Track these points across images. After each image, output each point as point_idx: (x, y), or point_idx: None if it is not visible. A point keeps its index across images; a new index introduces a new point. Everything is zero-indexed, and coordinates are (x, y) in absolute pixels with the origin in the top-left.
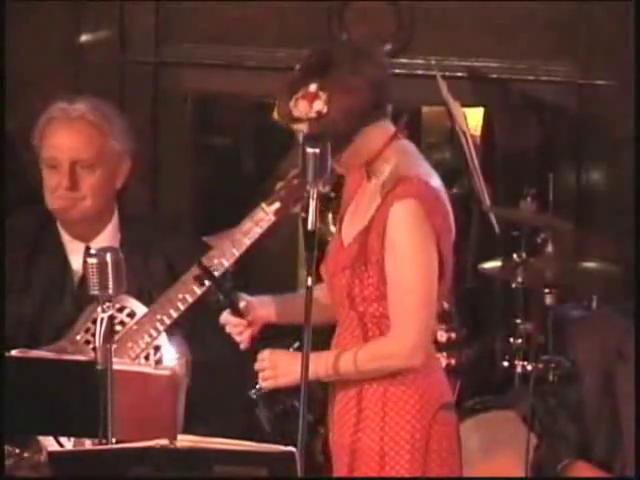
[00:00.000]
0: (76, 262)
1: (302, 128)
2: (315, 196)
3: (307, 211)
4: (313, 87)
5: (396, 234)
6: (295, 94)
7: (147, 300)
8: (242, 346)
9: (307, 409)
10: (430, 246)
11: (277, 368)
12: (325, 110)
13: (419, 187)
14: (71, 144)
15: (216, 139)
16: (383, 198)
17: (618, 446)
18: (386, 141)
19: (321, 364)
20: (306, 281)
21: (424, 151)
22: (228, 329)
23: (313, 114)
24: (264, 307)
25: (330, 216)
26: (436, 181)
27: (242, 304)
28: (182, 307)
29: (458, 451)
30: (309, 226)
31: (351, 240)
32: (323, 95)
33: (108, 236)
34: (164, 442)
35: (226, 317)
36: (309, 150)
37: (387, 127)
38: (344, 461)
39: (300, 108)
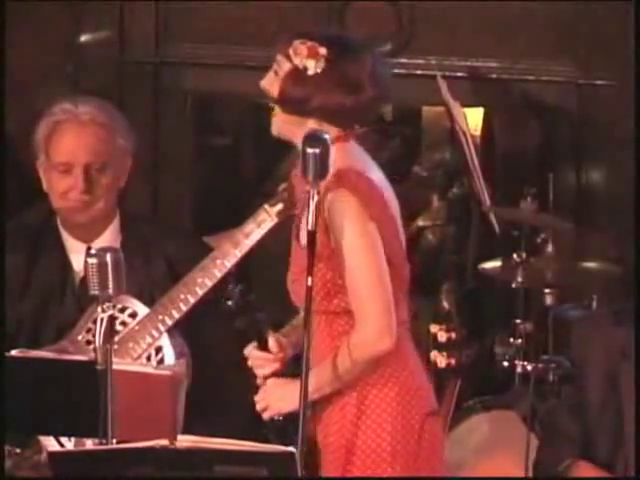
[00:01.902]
0: (77, 262)
1: (279, 61)
2: (315, 196)
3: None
4: (323, 50)
5: (335, 226)
6: (302, 40)
7: (148, 301)
8: (259, 381)
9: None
10: (371, 231)
11: (269, 396)
12: (309, 73)
13: (351, 178)
14: (84, 148)
15: (216, 139)
16: (320, 193)
17: (620, 446)
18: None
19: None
20: (306, 281)
21: (424, 151)
22: (250, 362)
23: (299, 64)
24: (289, 346)
25: None
26: (374, 174)
27: (271, 341)
28: (184, 308)
29: (441, 434)
30: (309, 226)
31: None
32: (321, 63)
33: (110, 237)
34: (164, 442)
35: (250, 350)
36: (309, 150)
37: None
38: (328, 459)
39: (297, 51)
